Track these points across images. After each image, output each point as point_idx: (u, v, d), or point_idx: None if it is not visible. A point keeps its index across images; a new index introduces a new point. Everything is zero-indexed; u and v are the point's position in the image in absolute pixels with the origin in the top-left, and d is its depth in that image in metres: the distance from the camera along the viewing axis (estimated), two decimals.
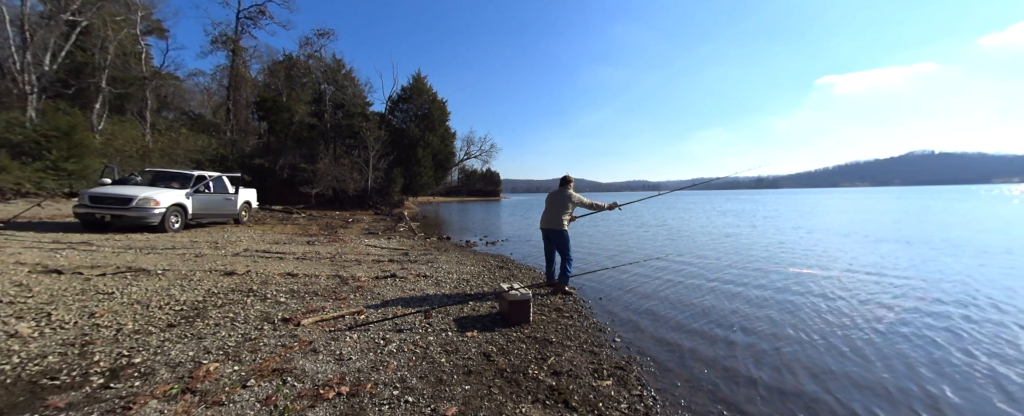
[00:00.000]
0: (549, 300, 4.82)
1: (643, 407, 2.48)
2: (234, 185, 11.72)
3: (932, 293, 5.26)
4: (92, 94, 18.84)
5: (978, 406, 2.59)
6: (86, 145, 15.10)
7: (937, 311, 4.52)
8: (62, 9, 17.35)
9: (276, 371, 2.58)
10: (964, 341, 3.65)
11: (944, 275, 6.30)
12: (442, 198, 62.32)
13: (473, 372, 2.75)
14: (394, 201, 28.94)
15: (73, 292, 4.07)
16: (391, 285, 5.12)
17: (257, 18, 27.29)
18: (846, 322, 4.18)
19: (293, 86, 28.33)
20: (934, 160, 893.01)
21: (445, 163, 37.64)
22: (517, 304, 3.80)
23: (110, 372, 2.50)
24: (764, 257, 8.18)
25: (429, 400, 2.35)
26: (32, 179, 13.38)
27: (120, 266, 5.37)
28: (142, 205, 8.59)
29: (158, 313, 3.61)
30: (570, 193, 5.11)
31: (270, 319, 3.58)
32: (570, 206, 5.10)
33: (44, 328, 3.13)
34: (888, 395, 2.73)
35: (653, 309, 4.67)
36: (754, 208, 28.24)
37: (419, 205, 37.98)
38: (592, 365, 3.03)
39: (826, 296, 5.17)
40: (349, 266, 6.33)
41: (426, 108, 33.71)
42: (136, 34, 21.12)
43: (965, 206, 25.79)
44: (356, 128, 27.24)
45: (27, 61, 16.12)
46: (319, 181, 23.40)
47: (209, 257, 6.43)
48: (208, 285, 4.65)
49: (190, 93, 29.71)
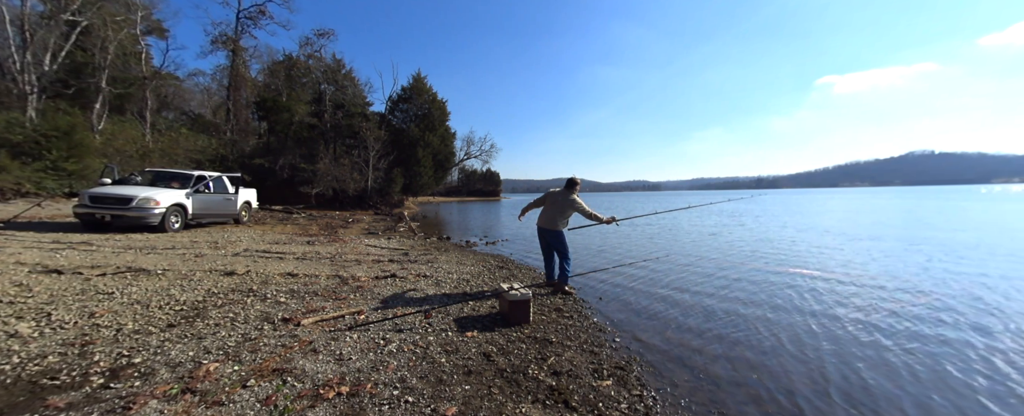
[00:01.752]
0: (549, 300, 4.82)
1: (643, 407, 2.48)
2: (234, 185, 11.71)
3: (925, 296, 5.28)
4: (92, 94, 18.84)
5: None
6: (86, 145, 15.09)
7: (937, 313, 4.53)
8: (62, 9, 17.34)
9: (276, 371, 2.58)
10: (965, 355, 3.66)
11: (950, 280, 6.32)
12: (442, 198, 62.33)
13: (473, 372, 2.75)
14: (394, 201, 28.95)
15: (73, 292, 4.07)
16: (391, 285, 5.12)
17: (257, 18, 27.31)
18: (844, 322, 4.19)
19: (293, 86, 28.31)
20: (934, 160, 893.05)
21: (445, 163, 37.65)
22: (517, 304, 3.80)
23: (110, 372, 2.50)
24: (761, 257, 8.19)
25: (429, 400, 2.35)
26: (32, 179, 13.38)
27: (120, 266, 5.37)
28: (142, 205, 8.59)
29: (158, 313, 3.61)
30: (574, 198, 4.96)
31: (270, 319, 3.58)
32: (570, 211, 4.98)
33: (44, 328, 3.13)
34: (885, 392, 2.73)
35: (653, 309, 4.67)
36: (749, 208, 28.25)
37: (419, 205, 37.98)
38: (592, 365, 3.03)
39: (824, 296, 5.17)
40: (349, 266, 6.33)
41: (426, 108, 33.72)
42: (136, 34, 21.12)
43: (957, 206, 25.82)
44: (356, 128, 27.25)
45: (27, 61, 16.12)
46: (319, 181, 23.40)
47: (209, 257, 6.43)
48: (208, 285, 4.65)
49: (190, 93, 29.74)
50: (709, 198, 49.27)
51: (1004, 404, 2.62)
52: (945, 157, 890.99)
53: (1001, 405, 2.61)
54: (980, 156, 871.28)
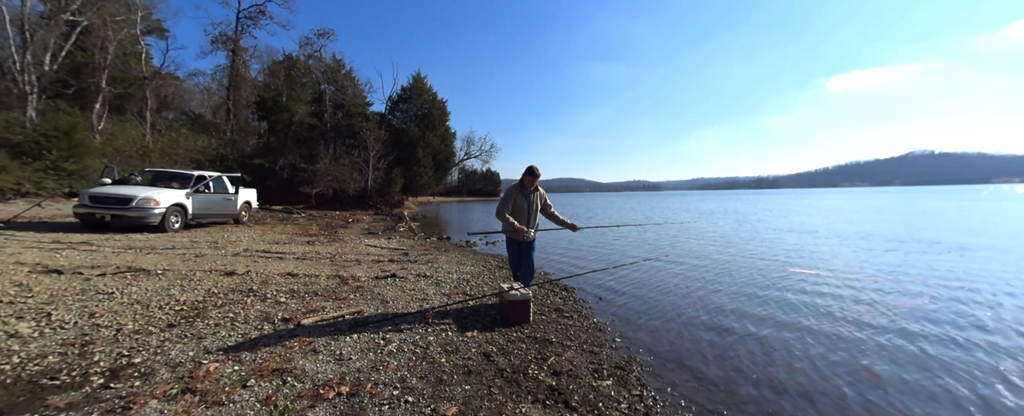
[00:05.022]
0: (549, 300, 4.82)
1: (643, 407, 2.48)
2: (234, 185, 11.71)
3: (924, 291, 5.28)
4: (92, 94, 18.83)
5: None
6: (86, 145, 15.09)
7: (937, 313, 4.53)
8: (62, 9, 17.33)
9: (276, 371, 2.58)
10: (965, 355, 3.65)
11: (967, 278, 6.32)
12: (442, 198, 62.32)
13: (473, 372, 2.75)
14: (394, 201, 28.95)
15: (73, 292, 4.07)
16: (391, 285, 5.12)
17: (257, 18, 27.27)
18: (843, 321, 4.19)
19: (293, 86, 28.30)
20: (934, 160, 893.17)
21: (445, 163, 37.65)
22: (517, 304, 3.80)
23: (110, 372, 2.50)
24: (760, 257, 8.19)
25: (429, 400, 2.35)
26: (32, 179, 13.37)
27: (120, 266, 5.36)
28: (142, 205, 8.58)
29: (158, 313, 3.61)
30: (548, 200, 4.27)
31: (270, 319, 3.58)
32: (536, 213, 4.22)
33: (44, 328, 3.13)
34: (886, 391, 2.73)
35: (653, 309, 4.67)
36: (745, 207, 28.24)
37: (419, 205, 37.97)
38: (592, 365, 3.03)
39: (822, 295, 5.17)
40: (349, 266, 6.33)
41: (426, 108, 33.71)
42: (136, 34, 21.10)
43: (949, 205, 25.81)
44: (356, 128, 27.24)
45: (27, 61, 16.11)
46: (319, 181, 23.39)
47: (209, 257, 6.43)
48: (208, 285, 4.65)
49: (190, 93, 29.69)
50: (707, 201, 49.01)
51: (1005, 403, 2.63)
52: (945, 157, 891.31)
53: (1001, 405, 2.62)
54: (980, 156, 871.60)
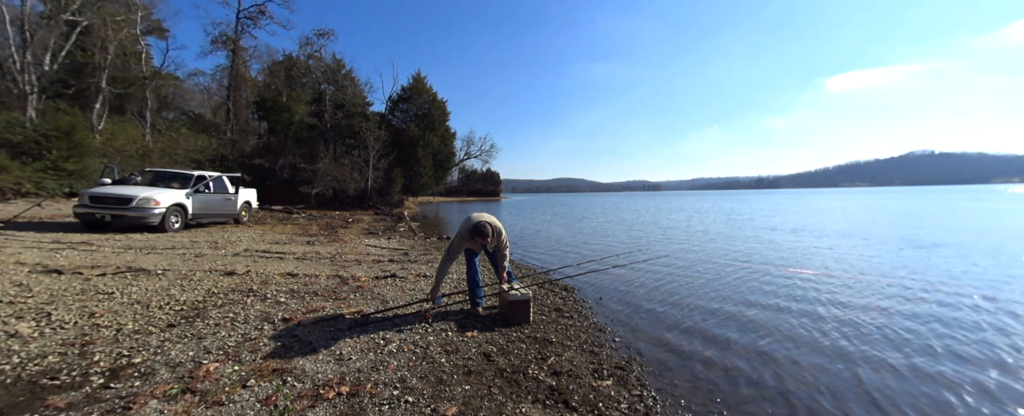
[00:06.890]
0: (549, 300, 4.82)
1: (643, 407, 2.48)
2: (234, 185, 11.72)
3: (922, 294, 5.28)
4: (92, 94, 18.84)
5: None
6: (86, 145, 15.10)
7: (938, 314, 4.53)
8: (62, 9, 17.34)
9: (276, 371, 2.58)
10: (966, 354, 3.65)
11: (969, 281, 6.32)
12: (442, 198, 62.30)
13: (473, 372, 2.75)
14: (394, 201, 28.95)
15: (73, 292, 4.07)
16: (391, 285, 5.12)
17: (257, 18, 27.26)
18: (843, 321, 4.18)
19: (293, 86, 28.30)
20: (934, 160, 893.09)
21: (445, 163, 37.69)
22: (517, 304, 3.80)
23: (110, 372, 2.50)
24: (760, 257, 8.18)
25: (429, 400, 2.35)
26: (32, 179, 13.38)
27: (120, 266, 5.36)
28: (142, 205, 8.59)
29: (158, 313, 3.61)
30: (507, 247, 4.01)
31: (270, 319, 3.58)
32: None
33: (44, 328, 3.13)
34: (886, 391, 2.73)
35: (652, 309, 4.67)
36: (743, 207, 28.25)
37: (419, 205, 37.96)
38: (592, 365, 3.03)
39: (821, 295, 5.17)
40: (349, 266, 6.33)
41: (426, 108, 33.74)
42: (136, 34, 21.12)
43: (946, 205, 25.82)
44: (356, 128, 27.25)
45: (27, 61, 16.11)
46: (319, 181, 23.40)
47: (209, 257, 6.43)
48: (208, 285, 4.65)
49: (190, 93, 29.69)
50: (703, 201, 48.98)
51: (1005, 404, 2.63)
52: (945, 157, 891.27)
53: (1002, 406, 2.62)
54: (980, 156, 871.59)
